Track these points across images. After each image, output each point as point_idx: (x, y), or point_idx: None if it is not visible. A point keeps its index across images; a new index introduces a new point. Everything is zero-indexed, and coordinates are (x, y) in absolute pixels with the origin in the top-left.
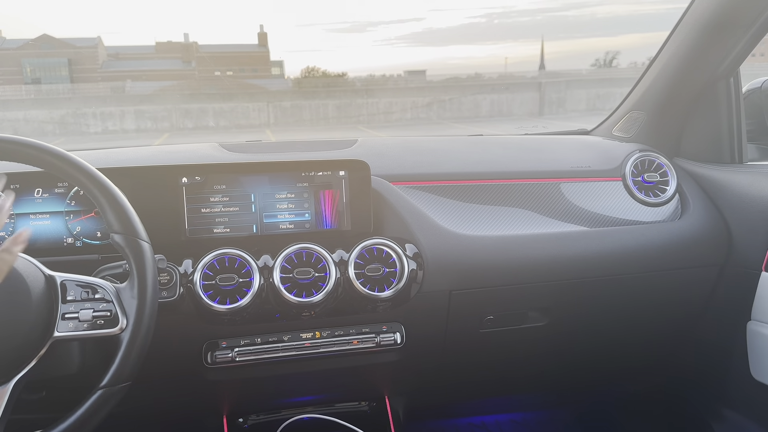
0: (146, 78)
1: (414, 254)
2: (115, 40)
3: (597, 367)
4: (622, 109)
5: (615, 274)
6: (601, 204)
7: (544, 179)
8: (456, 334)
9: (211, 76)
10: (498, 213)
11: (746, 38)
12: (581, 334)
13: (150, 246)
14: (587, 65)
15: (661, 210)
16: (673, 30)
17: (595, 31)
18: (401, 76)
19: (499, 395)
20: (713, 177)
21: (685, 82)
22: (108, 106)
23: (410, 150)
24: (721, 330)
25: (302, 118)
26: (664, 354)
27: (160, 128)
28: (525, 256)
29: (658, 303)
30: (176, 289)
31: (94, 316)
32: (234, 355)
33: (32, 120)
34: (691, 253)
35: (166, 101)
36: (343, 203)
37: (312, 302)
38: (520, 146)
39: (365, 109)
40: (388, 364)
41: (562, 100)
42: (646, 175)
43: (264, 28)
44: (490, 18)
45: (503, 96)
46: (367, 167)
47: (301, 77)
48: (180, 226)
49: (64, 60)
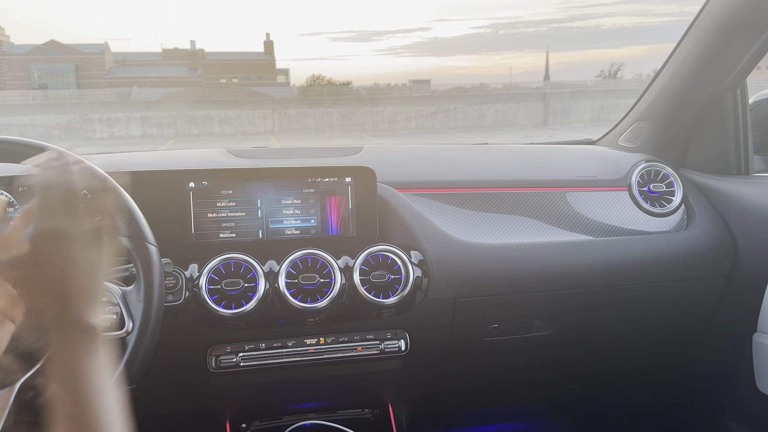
0: (152, 84)
1: (419, 261)
2: (123, 47)
3: (601, 378)
4: (628, 120)
5: (620, 284)
6: (607, 214)
7: (550, 188)
8: (460, 342)
9: (217, 83)
10: (503, 221)
11: (753, 50)
12: (585, 344)
13: (157, 250)
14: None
15: (666, 220)
16: (681, 40)
17: (600, 43)
18: (406, 86)
19: (503, 404)
20: (719, 188)
21: (691, 92)
22: (114, 112)
23: (416, 157)
24: (726, 342)
25: (307, 125)
26: (669, 365)
27: (165, 134)
28: (530, 264)
29: (663, 314)
30: (182, 293)
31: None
32: (238, 360)
33: (39, 125)
34: (696, 264)
35: (172, 108)
36: (348, 209)
37: (317, 308)
38: (526, 155)
39: (370, 118)
40: (392, 372)
41: (566, 110)
42: (652, 185)
43: (270, 37)
44: (495, 28)
45: (508, 106)
46: (373, 174)
47: (307, 85)
48: (186, 231)
49: (71, 66)
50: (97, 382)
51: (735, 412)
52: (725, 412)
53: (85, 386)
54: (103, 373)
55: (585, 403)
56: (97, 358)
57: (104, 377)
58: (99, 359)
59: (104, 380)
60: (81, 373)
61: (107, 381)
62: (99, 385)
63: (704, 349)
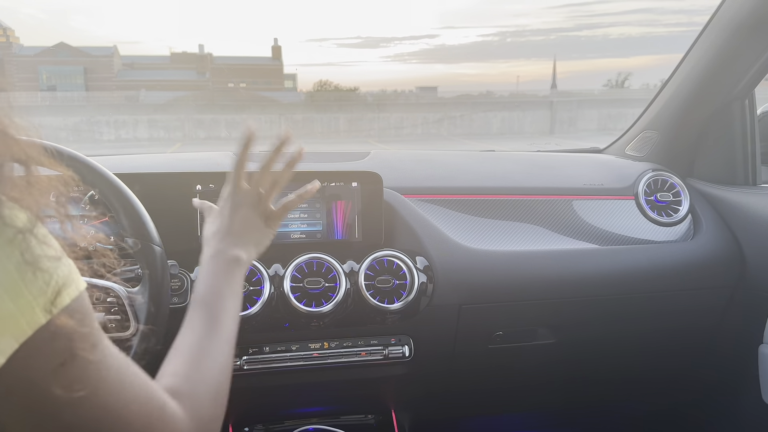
0: (160, 88)
1: (424, 267)
2: (131, 50)
3: (606, 386)
4: (635, 129)
5: (626, 293)
6: (613, 222)
7: (557, 196)
8: (464, 348)
9: (224, 88)
10: (509, 228)
11: (762, 60)
12: (591, 352)
13: (163, 251)
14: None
15: (673, 230)
16: (689, 50)
17: (607, 52)
18: (413, 92)
19: (507, 412)
20: (726, 198)
21: (699, 102)
22: (121, 115)
23: (423, 163)
24: (732, 352)
25: (314, 131)
26: (674, 375)
27: (172, 138)
28: (536, 272)
29: (669, 323)
30: (187, 295)
31: (105, 319)
32: (242, 363)
33: (47, 126)
34: (703, 274)
35: (180, 111)
36: (354, 214)
37: (321, 312)
38: (533, 162)
39: (376, 124)
40: (396, 377)
41: (573, 119)
42: (659, 194)
43: (278, 42)
44: (503, 36)
45: (514, 114)
46: (379, 179)
47: (314, 91)
48: (193, 233)
49: (80, 68)
50: (229, 297)
51: (740, 423)
52: (730, 422)
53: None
54: (237, 289)
55: (590, 411)
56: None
57: (236, 291)
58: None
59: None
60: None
61: (237, 294)
62: (229, 298)
63: (710, 360)
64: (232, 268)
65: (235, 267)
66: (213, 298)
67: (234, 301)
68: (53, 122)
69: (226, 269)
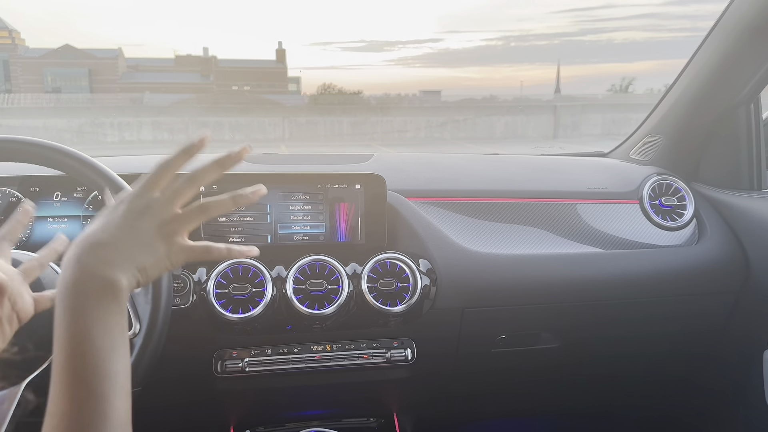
0: (165, 90)
1: (427, 270)
2: (136, 52)
3: (609, 391)
4: (640, 133)
5: (629, 298)
6: (618, 226)
7: (561, 199)
8: (467, 352)
9: (228, 91)
10: (513, 231)
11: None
12: (594, 357)
13: None
14: (603, 90)
15: (677, 234)
16: (694, 54)
17: (611, 57)
18: (416, 96)
19: (510, 417)
20: (731, 203)
21: (704, 106)
22: (126, 117)
23: (426, 166)
24: (736, 358)
25: (317, 134)
26: (678, 380)
27: (176, 140)
28: (539, 275)
29: (673, 328)
30: (189, 296)
31: None
32: (244, 365)
33: (51, 128)
34: (707, 278)
35: (184, 113)
36: (357, 217)
37: (324, 314)
38: (537, 166)
39: (380, 127)
40: (398, 381)
41: (576, 123)
42: (664, 198)
43: (282, 45)
44: (506, 41)
45: (518, 118)
46: (383, 181)
47: (317, 94)
48: (195, 234)
49: (85, 70)
50: (109, 343)
51: (745, 429)
52: (735, 428)
53: (95, 347)
54: (116, 336)
55: (593, 416)
56: (111, 317)
57: (116, 340)
58: (113, 319)
59: (116, 343)
60: (94, 332)
61: (118, 345)
62: (110, 347)
63: (714, 365)
64: (106, 301)
65: (111, 300)
66: (91, 361)
67: (120, 359)
68: (58, 124)
69: (98, 304)
